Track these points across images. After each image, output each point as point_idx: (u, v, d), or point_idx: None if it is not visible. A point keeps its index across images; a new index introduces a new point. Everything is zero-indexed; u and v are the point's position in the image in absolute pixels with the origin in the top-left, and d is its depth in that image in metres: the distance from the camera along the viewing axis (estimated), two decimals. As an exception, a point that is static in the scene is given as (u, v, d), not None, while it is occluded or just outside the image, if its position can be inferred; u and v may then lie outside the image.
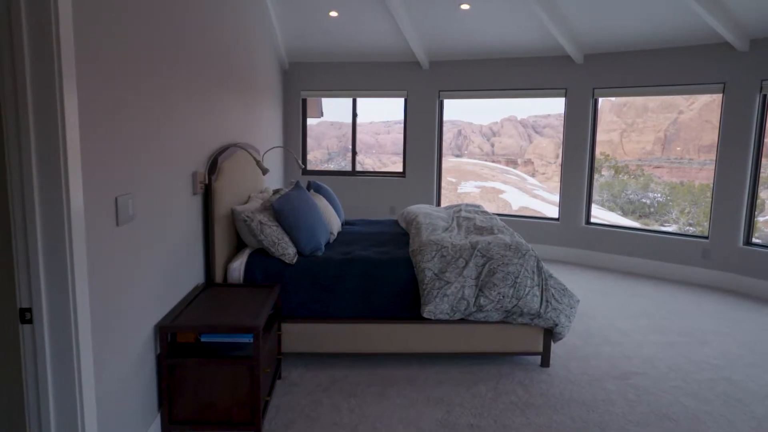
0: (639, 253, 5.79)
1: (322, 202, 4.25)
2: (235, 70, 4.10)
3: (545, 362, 3.40)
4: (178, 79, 2.75)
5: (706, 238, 5.39)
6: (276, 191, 4.25)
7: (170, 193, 2.68)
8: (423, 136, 6.77)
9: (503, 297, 3.22)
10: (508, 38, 5.96)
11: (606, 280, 5.50)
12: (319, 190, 4.61)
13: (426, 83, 6.66)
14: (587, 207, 6.16)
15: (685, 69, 5.34)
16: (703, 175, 10.74)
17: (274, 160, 6.17)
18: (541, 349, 3.37)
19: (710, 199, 5.30)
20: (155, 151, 2.45)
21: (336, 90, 6.95)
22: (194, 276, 3.11)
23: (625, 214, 11.17)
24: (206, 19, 3.30)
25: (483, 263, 3.32)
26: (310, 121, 7.51)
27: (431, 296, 3.21)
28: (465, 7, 5.44)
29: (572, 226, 6.21)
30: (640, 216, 11.10)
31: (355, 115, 7.08)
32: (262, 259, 3.38)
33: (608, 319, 4.32)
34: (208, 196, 3.25)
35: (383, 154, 14.92)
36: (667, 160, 11.93)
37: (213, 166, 3.29)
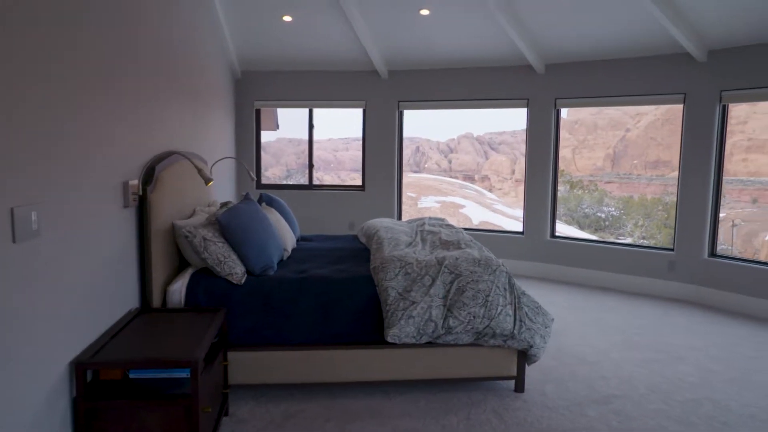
0: (605, 267, 5.66)
1: (274, 216, 3.91)
2: (178, 73, 3.74)
3: (519, 387, 3.13)
4: (102, 76, 2.39)
5: (672, 250, 5.31)
6: (224, 204, 3.88)
7: (93, 205, 2.30)
8: (382, 147, 6.51)
9: (474, 317, 2.95)
10: (468, 46, 5.80)
11: (573, 294, 5.33)
12: (271, 203, 4.27)
13: (385, 93, 6.41)
14: (552, 220, 6.02)
15: (646, 79, 5.28)
16: (651, 189, 10.96)
17: (226, 173, 5.77)
18: (515, 372, 3.11)
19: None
20: (70, 155, 2.08)
21: (291, 100, 6.62)
22: (127, 300, 2.72)
23: (581, 227, 11.27)
24: (145, 17, 2.95)
25: (451, 281, 3.05)
26: (267, 137, 7.14)
27: (395, 318, 2.91)
28: (424, 12, 5.25)
29: (537, 240, 6.05)
30: (596, 229, 11.21)
31: (311, 126, 6.77)
32: (206, 279, 3.01)
33: (580, 336, 4.12)
34: (143, 210, 2.87)
35: (342, 170, 14.65)
36: (616, 176, 12.16)
37: (149, 176, 2.92)
